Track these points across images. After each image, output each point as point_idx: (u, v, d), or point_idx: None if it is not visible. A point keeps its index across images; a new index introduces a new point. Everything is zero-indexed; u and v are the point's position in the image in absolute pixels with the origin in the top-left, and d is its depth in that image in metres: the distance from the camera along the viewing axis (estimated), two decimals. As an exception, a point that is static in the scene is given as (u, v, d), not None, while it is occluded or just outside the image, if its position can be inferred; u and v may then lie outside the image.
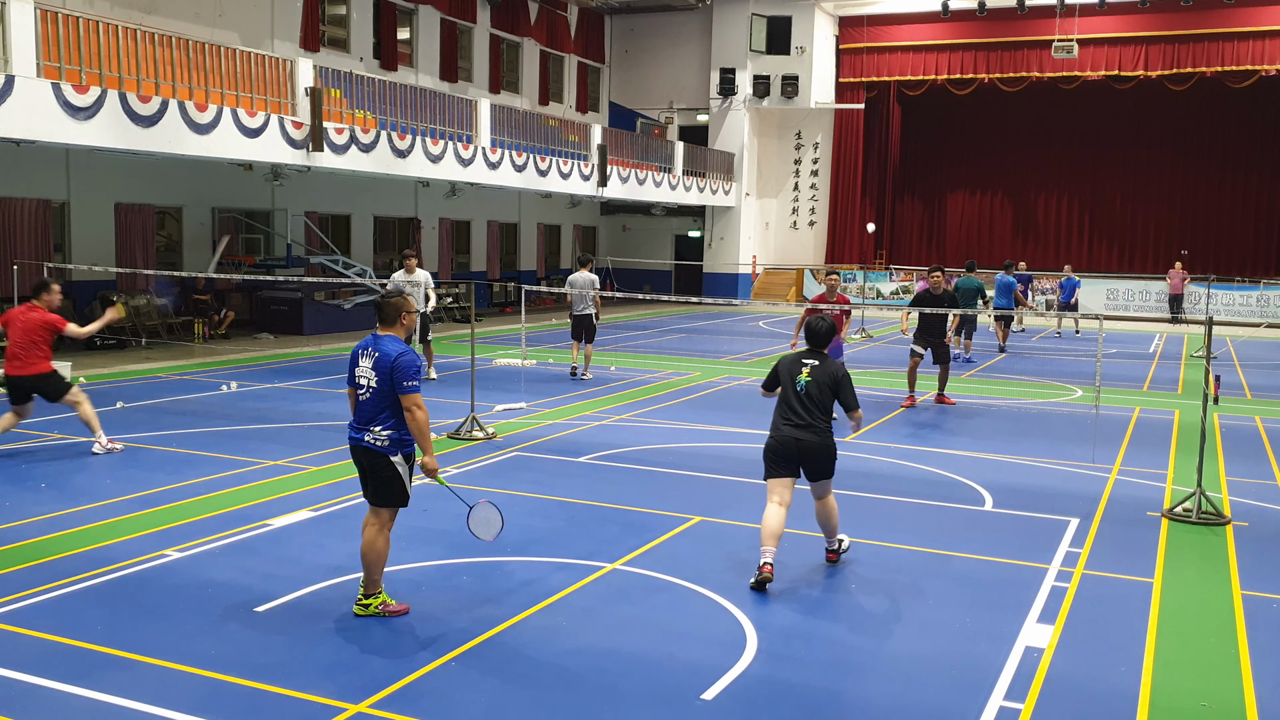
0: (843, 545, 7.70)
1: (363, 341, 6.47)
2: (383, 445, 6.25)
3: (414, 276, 15.66)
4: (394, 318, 6.42)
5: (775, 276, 36.82)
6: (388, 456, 6.26)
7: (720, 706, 5.28)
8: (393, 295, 6.51)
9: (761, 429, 12.80)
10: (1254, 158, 34.42)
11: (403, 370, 6.17)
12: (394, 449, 6.27)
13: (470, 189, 28.10)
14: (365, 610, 6.36)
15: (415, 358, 6.36)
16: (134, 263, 20.57)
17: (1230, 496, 9.70)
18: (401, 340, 6.41)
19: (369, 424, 6.27)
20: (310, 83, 19.42)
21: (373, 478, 6.35)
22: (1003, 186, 37.34)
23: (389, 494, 6.33)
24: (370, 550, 6.32)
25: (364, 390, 6.31)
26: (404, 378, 6.17)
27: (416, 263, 15.92)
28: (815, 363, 7.28)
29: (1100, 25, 32.52)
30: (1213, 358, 9.46)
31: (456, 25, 29.52)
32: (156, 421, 12.33)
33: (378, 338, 6.38)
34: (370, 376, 6.27)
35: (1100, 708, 5.37)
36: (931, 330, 14.57)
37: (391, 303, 6.43)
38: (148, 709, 5.09)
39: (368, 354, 6.33)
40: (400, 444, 6.28)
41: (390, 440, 6.25)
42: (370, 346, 6.35)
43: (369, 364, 6.29)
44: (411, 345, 16.17)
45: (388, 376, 6.19)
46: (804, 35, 35.08)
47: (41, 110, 14.89)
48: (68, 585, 6.77)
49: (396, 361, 6.19)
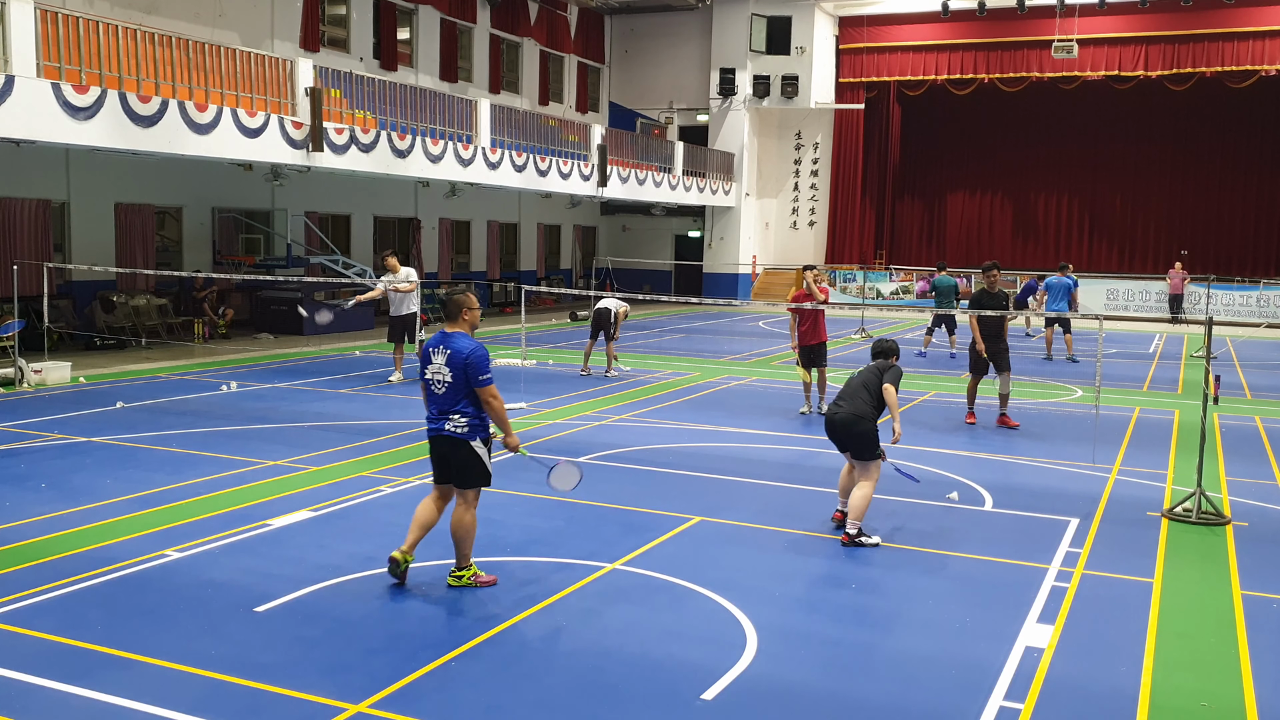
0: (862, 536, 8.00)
1: (432, 339, 6.84)
2: (462, 432, 6.68)
3: (398, 276, 15.74)
4: (457, 313, 6.83)
5: (775, 276, 36.82)
6: (468, 442, 6.70)
7: (720, 706, 5.28)
8: (455, 293, 6.93)
9: (762, 429, 12.82)
10: (1254, 158, 34.41)
11: (475, 366, 6.62)
12: (472, 434, 6.70)
13: (470, 189, 28.10)
14: (459, 582, 6.80)
15: (486, 352, 6.75)
16: (134, 263, 20.57)
17: (1230, 496, 9.70)
18: (469, 335, 6.80)
19: (447, 414, 6.69)
20: (310, 83, 19.42)
21: (455, 463, 6.75)
22: (1003, 186, 37.33)
23: (473, 476, 6.77)
24: (459, 527, 6.74)
25: (439, 385, 6.70)
26: (477, 372, 6.62)
27: (397, 261, 15.98)
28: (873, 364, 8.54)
29: (1100, 25, 32.52)
30: (1213, 358, 9.46)
31: (456, 25, 29.52)
32: (156, 421, 12.33)
33: (446, 335, 6.78)
34: (444, 372, 6.68)
35: (1100, 708, 5.37)
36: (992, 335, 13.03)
37: (455, 300, 6.85)
38: (148, 709, 5.09)
39: (439, 351, 6.72)
40: (478, 429, 6.72)
41: (469, 427, 6.68)
42: (441, 344, 6.74)
43: (441, 360, 6.70)
44: (408, 346, 16.25)
45: (462, 371, 6.63)
46: (804, 35, 35.08)
47: (41, 110, 14.88)
48: (68, 585, 6.77)
49: (469, 358, 6.62)
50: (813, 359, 13.70)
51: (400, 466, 10.29)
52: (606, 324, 16.92)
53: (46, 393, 14.20)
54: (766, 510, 8.98)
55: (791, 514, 8.90)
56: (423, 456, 10.71)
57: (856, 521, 7.98)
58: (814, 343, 13.58)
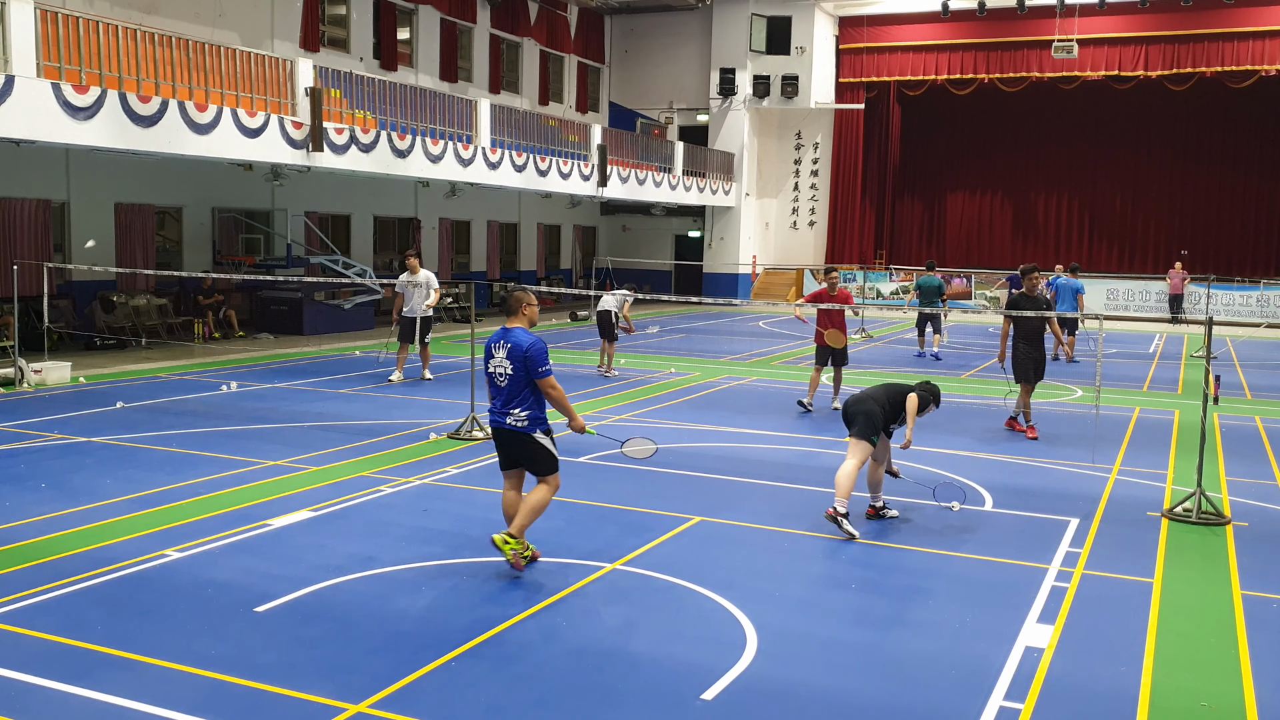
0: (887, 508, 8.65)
1: (493, 335, 7.16)
2: (523, 426, 7.02)
3: (416, 277, 15.71)
4: (517, 308, 7.18)
5: (775, 276, 36.82)
6: (530, 435, 7.03)
7: (720, 706, 5.28)
8: (515, 289, 7.28)
9: (762, 429, 12.80)
10: (1254, 158, 34.41)
11: (535, 360, 6.94)
12: (532, 427, 7.03)
13: (470, 189, 28.10)
14: (505, 546, 6.94)
15: (544, 346, 7.06)
16: (134, 263, 20.56)
17: (1230, 496, 9.70)
18: (529, 330, 7.12)
19: (509, 408, 7.02)
20: (310, 83, 19.41)
21: (523, 455, 7.11)
22: (1003, 186, 37.33)
23: (544, 464, 7.11)
24: (537, 500, 7.04)
25: (501, 378, 7.03)
26: (537, 365, 6.94)
27: (419, 263, 15.96)
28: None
29: (1100, 25, 32.51)
30: (1213, 358, 9.46)
31: (456, 25, 29.51)
32: (156, 421, 12.33)
33: (507, 330, 7.10)
34: (506, 366, 7.01)
35: (1100, 708, 5.37)
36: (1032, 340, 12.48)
37: (515, 296, 7.20)
38: (148, 709, 5.09)
39: (500, 345, 7.06)
40: (538, 421, 7.06)
41: (529, 420, 7.01)
42: (502, 339, 7.06)
43: (503, 354, 7.02)
44: (411, 347, 16.30)
45: (522, 365, 6.95)
46: (804, 35, 35.07)
47: (41, 110, 14.88)
48: (68, 585, 6.77)
49: (529, 352, 6.95)
50: (834, 357, 14.01)
51: (400, 466, 10.29)
52: (612, 324, 17.02)
53: (46, 393, 14.21)
54: (766, 510, 8.98)
55: (792, 514, 8.90)
56: (423, 456, 10.73)
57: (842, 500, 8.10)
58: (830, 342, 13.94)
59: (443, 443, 11.45)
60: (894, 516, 8.74)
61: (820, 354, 14.17)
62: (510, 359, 6.98)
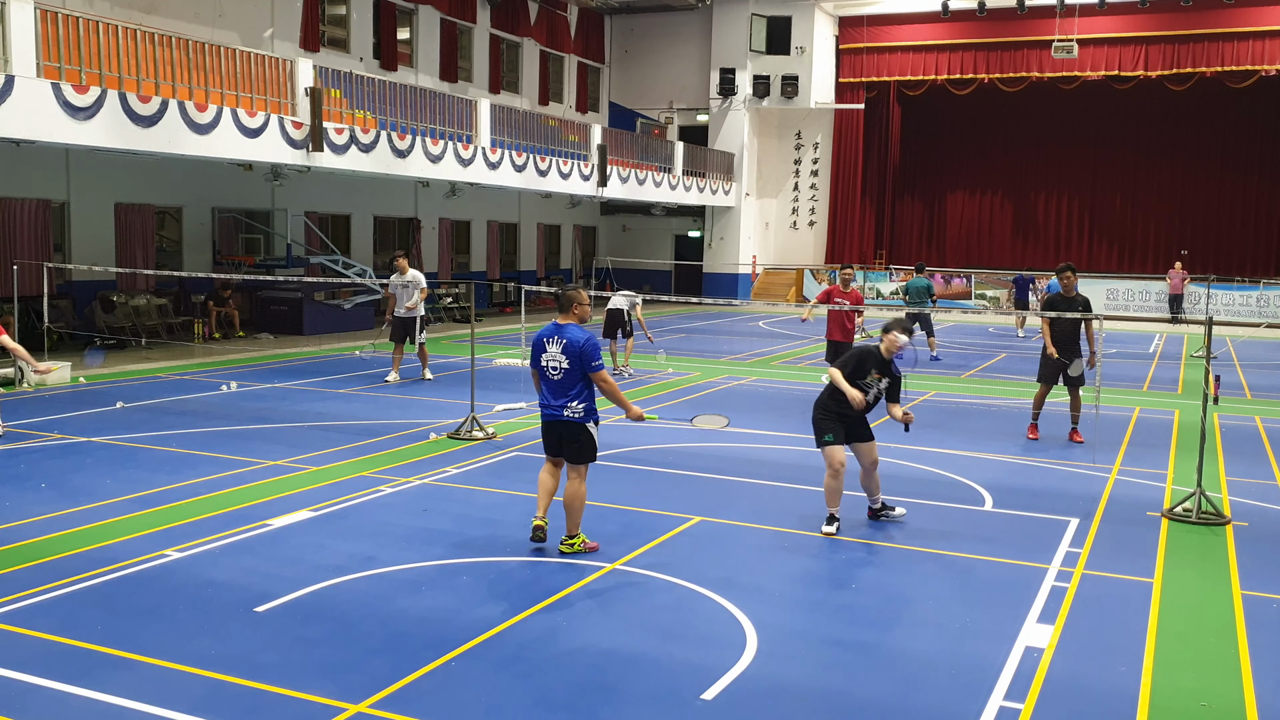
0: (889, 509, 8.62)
1: (545, 330, 7.53)
2: (579, 417, 7.42)
3: (406, 277, 15.75)
4: (569, 306, 7.54)
5: (775, 276, 36.82)
6: (584, 424, 7.43)
7: (720, 706, 5.28)
8: (569, 288, 7.62)
9: (761, 429, 12.78)
10: (1253, 158, 34.41)
11: (589, 354, 7.36)
12: (587, 418, 7.44)
13: (470, 189, 28.10)
14: (570, 549, 7.47)
15: (597, 342, 7.52)
16: (134, 263, 20.56)
17: (1230, 496, 9.70)
18: (580, 327, 7.51)
19: (564, 401, 7.40)
20: (310, 83, 19.41)
21: (570, 443, 7.48)
22: (1003, 186, 37.33)
23: (587, 453, 7.51)
24: (574, 498, 7.45)
25: (555, 371, 7.41)
26: (591, 359, 7.35)
27: (407, 263, 15.99)
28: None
29: (1100, 25, 32.51)
30: (1213, 358, 9.46)
31: (456, 25, 29.51)
32: (156, 421, 12.33)
33: (559, 326, 7.48)
34: (560, 360, 7.39)
35: (1100, 708, 5.37)
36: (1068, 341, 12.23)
37: (568, 295, 7.57)
38: (148, 709, 5.09)
39: (554, 341, 7.44)
40: (591, 413, 7.47)
41: (584, 411, 7.42)
42: (555, 334, 7.45)
43: (557, 349, 7.41)
44: (408, 348, 16.32)
45: (577, 359, 7.34)
46: (804, 35, 35.07)
47: (41, 110, 14.88)
48: (68, 585, 6.77)
49: (583, 347, 7.36)
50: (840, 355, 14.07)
51: (400, 466, 10.29)
52: (621, 323, 17.00)
53: (46, 393, 14.21)
54: (767, 510, 8.97)
55: (792, 514, 8.90)
56: (423, 456, 10.73)
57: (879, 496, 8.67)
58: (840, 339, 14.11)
59: (443, 443, 11.45)
60: (900, 516, 8.71)
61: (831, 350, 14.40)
62: (565, 354, 7.37)
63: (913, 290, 20.42)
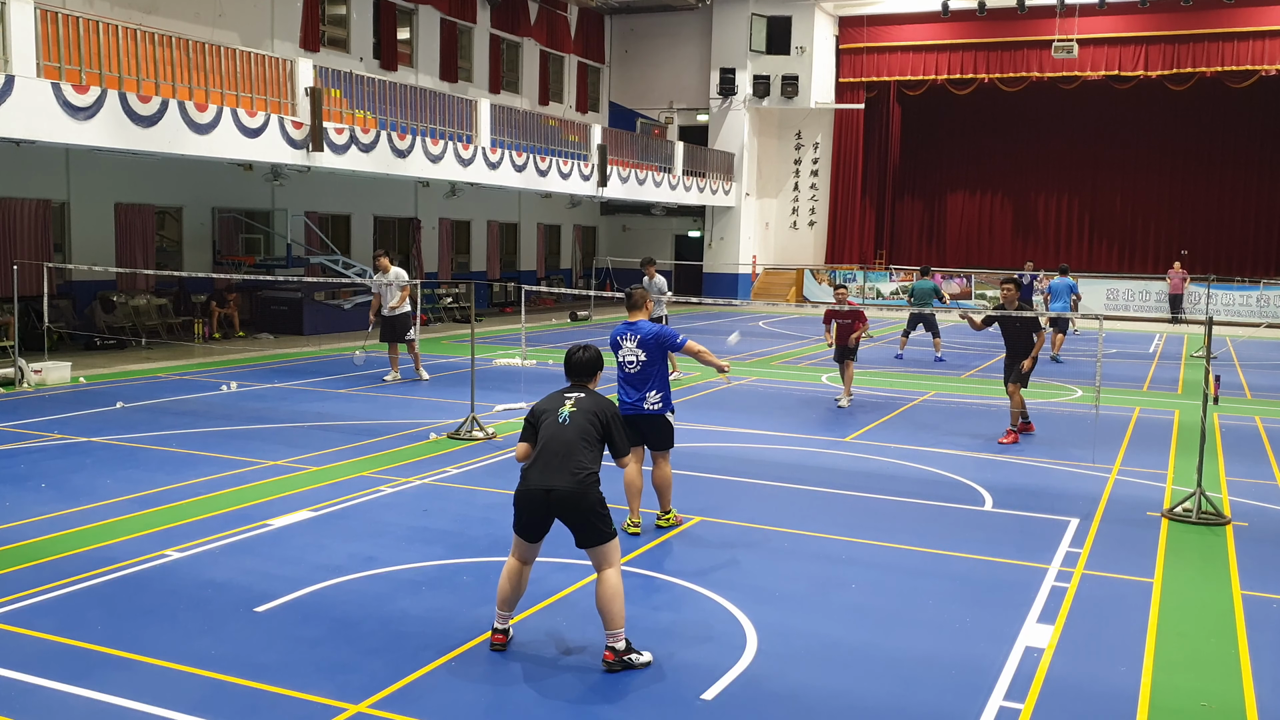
0: (631, 655, 5.68)
1: (617, 329, 8.03)
2: (658, 408, 7.93)
3: (389, 276, 15.75)
4: (641, 304, 8.09)
5: (775, 276, 36.82)
6: (663, 415, 7.98)
7: (720, 706, 5.28)
8: (636, 288, 8.18)
9: (762, 429, 12.77)
10: (1253, 158, 34.41)
11: (668, 337, 7.93)
12: (665, 408, 7.99)
13: (470, 189, 28.10)
14: (667, 523, 8.23)
15: (672, 327, 8.21)
16: (134, 263, 20.56)
17: (1230, 496, 9.70)
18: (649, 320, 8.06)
19: (642, 394, 7.90)
20: (310, 83, 19.41)
21: (651, 432, 8.00)
22: (1003, 186, 37.34)
23: (668, 440, 8.10)
24: (665, 480, 8.15)
25: (632, 365, 7.88)
26: (671, 341, 7.93)
27: (389, 261, 15.99)
28: (580, 395, 6.01)
29: (1100, 25, 32.52)
30: (1213, 358, 9.46)
31: (456, 25, 29.51)
32: (156, 421, 12.33)
33: (630, 323, 7.97)
34: (637, 354, 7.87)
35: (1100, 708, 5.37)
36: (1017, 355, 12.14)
37: (638, 293, 8.10)
38: (148, 709, 5.09)
39: (628, 336, 7.93)
40: (668, 403, 8.03)
41: (662, 401, 7.95)
42: (628, 331, 7.94)
43: (633, 344, 7.90)
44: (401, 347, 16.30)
45: (656, 347, 7.87)
46: (804, 35, 35.07)
47: (41, 110, 14.88)
48: (68, 585, 6.77)
49: (660, 333, 7.90)
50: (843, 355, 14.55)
51: (400, 466, 10.29)
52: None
53: (46, 393, 14.21)
54: (767, 510, 8.97)
55: (792, 514, 8.90)
56: (423, 456, 10.73)
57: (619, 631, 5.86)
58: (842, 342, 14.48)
59: (443, 443, 11.45)
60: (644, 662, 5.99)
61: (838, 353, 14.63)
62: (642, 346, 7.86)
63: (918, 292, 20.40)
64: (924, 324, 20.46)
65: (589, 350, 6.17)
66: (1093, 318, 21.30)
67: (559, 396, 5.99)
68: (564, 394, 6.01)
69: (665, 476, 8.20)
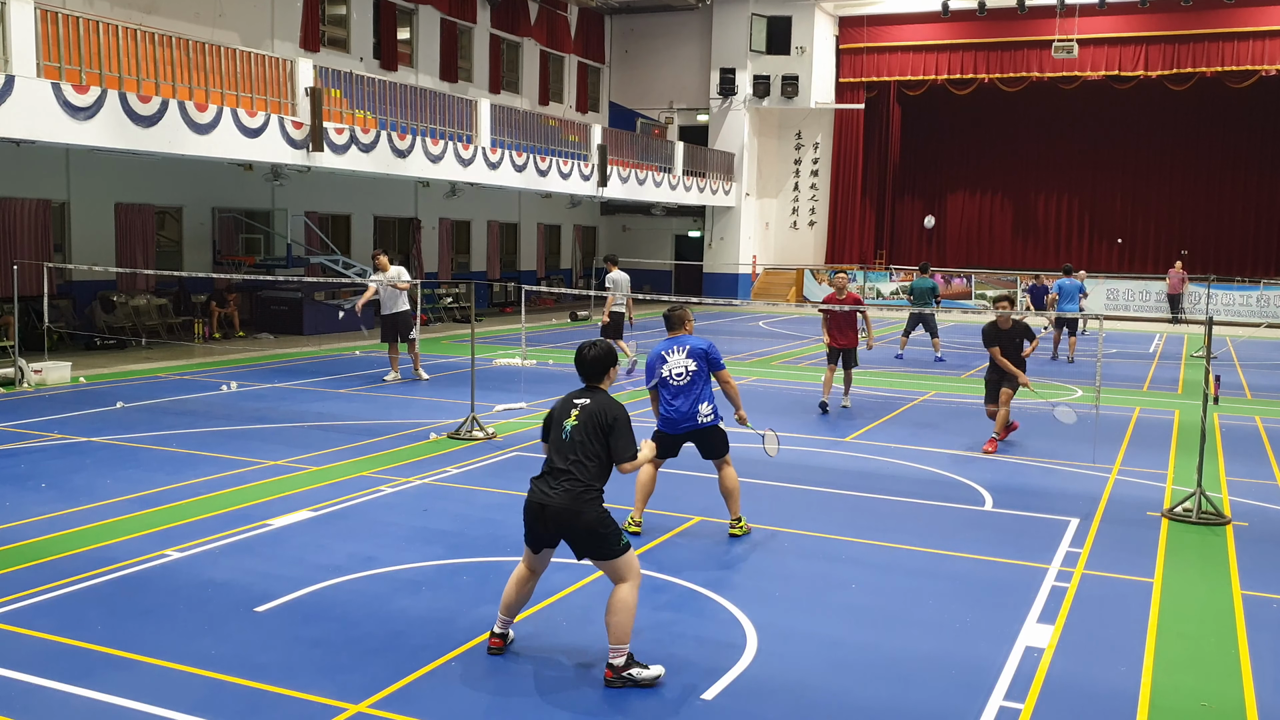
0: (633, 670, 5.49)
1: (660, 345, 8.21)
2: (710, 420, 8.09)
3: (389, 274, 15.76)
4: (682, 323, 8.34)
5: (775, 276, 36.81)
6: (717, 425, 8.14)
7: (720, 706, 5.28)
8: (677, 308, 8.41)
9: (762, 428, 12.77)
10: (1254, 158, 34.40)
11: (715, 354, 8.15)
12: (717, 418, 8.15)
13: (470, 189, 28.10)
14: (740, 531, 8.20)
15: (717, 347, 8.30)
16: (134, 263, 20.56)
17: (1230, 496, 9.70)
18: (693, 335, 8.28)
19: (695, 407, 8.02)
20: (310, 83, 19.41)
21: (708, 444, 8.18)
22: (1003, 186, 37.33)
23: (724, 446, 8.22)
24: (733, 483, 8.21)
25: (681, 377, 8.03)
26: (718, 358, 8.15)
27: (387, 260, 16.00)
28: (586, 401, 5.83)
29: (1100, 25, 32.51)
30: (1213, 358, 9.46)
31: (456, 25, 29.51)
32: (156, 421, 12.33)
33: (675, 339, 8.20)
34: (687, 365, 8.05)
35: (1100, 708, 5.37)
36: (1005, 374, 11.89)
37: (681, 311, 8.36)
38: (148, 709, 5.09)
39: (675, 350, 8.11)
40: (717, 411, 8.17)
41: (713, 411, 8.11)
42: (675, 345, 8.14)
43: (682, 356, 8.08)
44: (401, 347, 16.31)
45: (704, 360, 8.06)
46: (804, 35, 35.07)
47: (41, 110, 14.88)
48: (68, 585, 6.77)
49: (709, 349, 8.12)
50: (844, 358, 14.18)
51: (400, 466, 10.29)
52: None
53: (46, 393, 14.21)
54: (767, 510, 8.97)
55: (792, 514, 8.90)
56: (423, 456, 10.73)
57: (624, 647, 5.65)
58: (843, 344, 14.09)
59: (443, 443, 11.45)
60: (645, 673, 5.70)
61: (832, 354, 14.23)
62: (691, 357, 8.04)
63: (917, 290, 20.45)
64: (923, 324, 20.48)
65: (599, 346, 5.93)
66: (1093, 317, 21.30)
67: (568, 403, 5.81)
68: (573, 399, 5.81)
69: (733, 480, 8.21)
